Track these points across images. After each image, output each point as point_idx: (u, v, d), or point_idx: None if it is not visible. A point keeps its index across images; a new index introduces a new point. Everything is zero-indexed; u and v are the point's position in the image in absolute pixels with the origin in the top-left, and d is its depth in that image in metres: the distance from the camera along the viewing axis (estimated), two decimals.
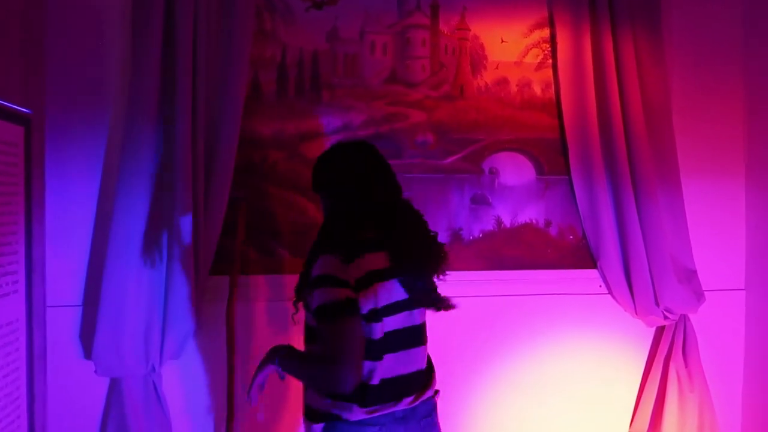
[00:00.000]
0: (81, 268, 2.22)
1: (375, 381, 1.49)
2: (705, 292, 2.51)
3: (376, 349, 1.50)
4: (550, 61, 2.54)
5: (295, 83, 2.38)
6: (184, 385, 2.28)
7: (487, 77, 2.50)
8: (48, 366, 2.07)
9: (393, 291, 1.55)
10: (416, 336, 1.64)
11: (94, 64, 2.21)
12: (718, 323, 2.65)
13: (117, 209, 2.08)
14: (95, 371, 2.10)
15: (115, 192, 2.09)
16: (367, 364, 1.48)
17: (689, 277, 2.48)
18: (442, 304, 1.65)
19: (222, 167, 2.21)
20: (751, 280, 2.68)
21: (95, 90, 2.21)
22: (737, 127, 2.67)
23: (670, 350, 2.49)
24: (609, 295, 2.55)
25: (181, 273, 2.12)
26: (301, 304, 1.62)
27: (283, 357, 1.56)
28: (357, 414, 1.48)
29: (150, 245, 2.11)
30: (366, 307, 1.49)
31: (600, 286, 2.56)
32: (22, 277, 1.76)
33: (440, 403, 1.76)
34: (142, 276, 2.10)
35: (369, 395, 1.49)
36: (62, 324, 2.19)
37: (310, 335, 1.60)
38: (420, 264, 1.59)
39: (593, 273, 2.55)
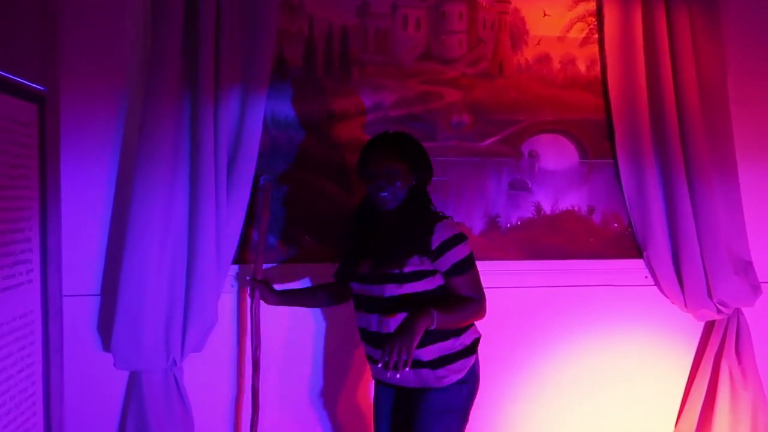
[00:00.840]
0: (99, 256, 2.10)
1: None
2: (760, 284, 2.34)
3: None
4: (596, 36, 2.36)
5: (323, 59, 2.23)
6: (207, 378, 2.17)
7: (528, 53, 2.33)
8: (65, 358, 1.96)
9: None
10: None
11: (112, 40, 2.07)
12: None
13: (135, 195, 1.95)
14: (114, 364, 1.99)
15: (134, 177, 1.96)
16: None
17: (745, 268, 2.32)
18: None
19: (246, 150, 2.07)
20: None
21: (113, 68, 2.07)
22: None
23: (721, 346, 2.34)
24: (655, 287, 2.40)
25: (203, 262, 1.99)
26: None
27: (440, 313, 1.64)
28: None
29: (170, 233, 1.99)
30: None
31: (646, 277, 2.40)
32: (36, 266, 1.65)
33: (479, 398, 1.84)
34: (162, 265, 1.98)
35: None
36: (79, 314, 2.07)
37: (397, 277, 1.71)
38: None
39: (639, 263, 2.40)
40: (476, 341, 1.83)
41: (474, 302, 1.74)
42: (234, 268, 2.15)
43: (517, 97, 2.33)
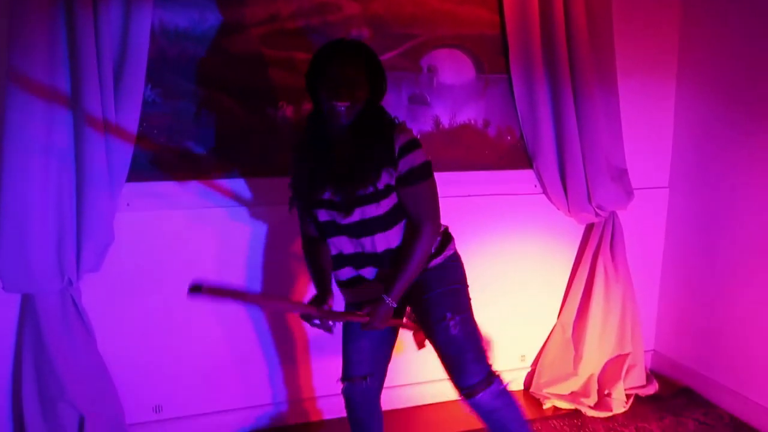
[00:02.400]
0: None
1: None
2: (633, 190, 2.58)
3: None
4: None
5: None
6: (107, 298, 2.14)
7: None
8: None
9: None
10: None
11: None
12: (643, 219, 2.77)
13: (9, 113, 1.81)
14: (2, 287, 1.92)
15: (5, 95, 1.81)
16: None
17: (621, 175, 2.53)
18: None
19: (133, 63, 1.97)
20: (675, 179, 2.79)
21: None
22: (673, 32, 2.66)
23: (598, 245, 2.58)
24: (543, 195, 2.58)
25: (93, 181, 1.93)
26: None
27: (390, 292, 1.64)
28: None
29: (54, 152, 1.88)
30: None
31: (535, 186, 2.58)
32: None
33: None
34: (47, 186, 1.89)
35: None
36: None
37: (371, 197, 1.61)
38: None
39: (530, 173, 2.56)
40: (448, 236, 1.82)
41: (418, 240, 1.62)
42: (129, 186, 2.08)
43: (414, 12, 2.33)
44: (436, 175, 1.69)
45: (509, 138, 2.54)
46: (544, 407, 2.61)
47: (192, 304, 2.20)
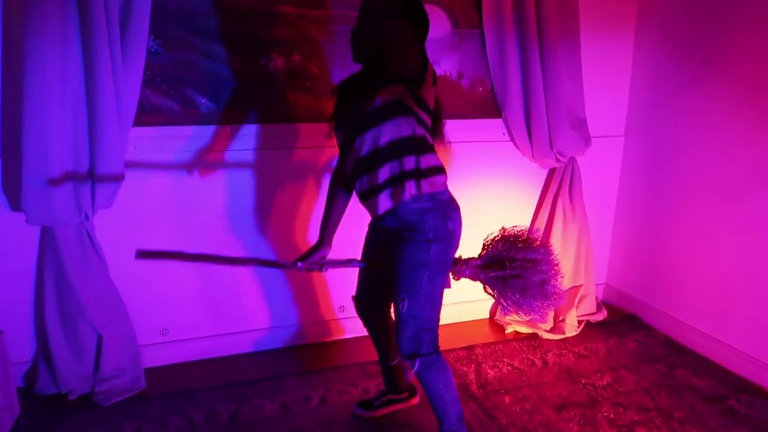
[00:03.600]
0: None
1: None
2: (591, 138, 2.86)
3: None
4: None
5: None
6: (118, 232, 2.37)
7: None
8: None
9: None
10: None
11: None
12: (600, 165, 3.07)
13: (28, 62, 1.97)
14: (26, 221, 2.13)
15: (24, 44, 1.97)
16: None
17: (580, 124, 2.80)
18: None
19: (138, 14, 2.12)
20: (630, 128, 3.07)
21: None
22: None
23: (558, 188, 2.88)
24: (511, 142, 2.84)
25: (104, 124, 2.11)
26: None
27: None
28: None
29: (68, 96, 2.06)
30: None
31: (503, 134, 2.83)
32: None
33: None
34: (63, 127, 2.07)
35: None
36: None
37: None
38: None
39: (499, 122, 2.82)
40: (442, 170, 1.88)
41: None
42: (135, 131, 2.28)
43: None
44: None
45: (481, 89, 2.78)
46: (506, 332, 2.95)
47: (194, 240, 2.45)
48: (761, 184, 2.38)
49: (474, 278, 1.93)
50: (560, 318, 2.94)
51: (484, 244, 2.02)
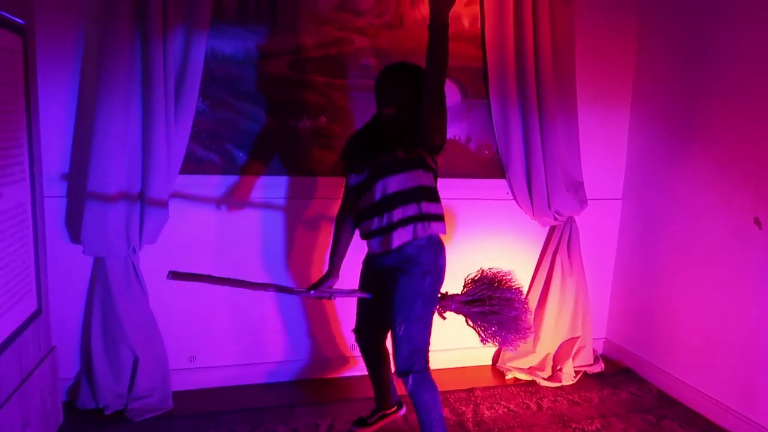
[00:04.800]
0: (64, 165, 2.52)
1: None
2: (589, 200, 3.12)
3: None
4: None
5: (254, 6, 2.66)
6: (159, 266, 2.68)
7: (424, 10, 2.86)
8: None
9: None
10: None
11: None
12: (600, 225, 3.31)
13: (98, 114, 2.36)
14: (83, 252, 2.47)
15: (96, 99, 2.36)
16: None
17: (576, 187, 3.07)
18: None
19: (190, 80, 2.51)
20: (627, 191, 3.32)
21: (76, 4, 2.42)
22: (629, 65, 3.21)
23: (557, 245, 3.12)
24: (514, 201, 3.12)
25: (155, 171, 2.47)
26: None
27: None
28: None
29: (127, 145, 2.43)
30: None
31: (507, 193, 3.11)
32: (26, 168, 2.08)
33: None
34: (121, 172, 2.43)
35: None
36: (51, 212, 2.51)
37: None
38: None
39: (503, 182, 3.10)
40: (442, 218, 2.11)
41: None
42: (181, 178, 2.64)
43: (412, 46, 2.88)
44: None
45: (487, 152, 3.09)
46: (507, 378, 3.13)
47: (224, 275, 2.75)
48: (741, 245, 2.59)
49: (458, 312, 2.19)
50: (558, 367, 3.12)
51: (465, 282, 2.28)
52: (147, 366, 2.61)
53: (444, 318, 2.17)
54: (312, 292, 2.16)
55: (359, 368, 3.07)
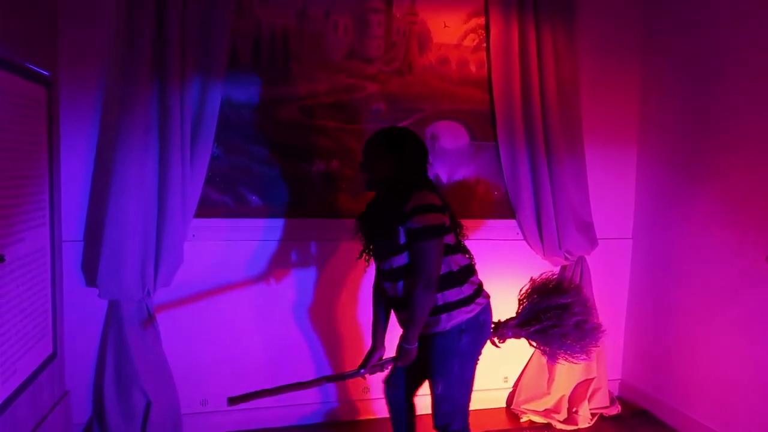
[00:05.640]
0: (83, 210, 2.58)
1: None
2: (600, 240, 3.13)
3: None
4: (485, 44, 3.02)
5: (268, 54, 2.76)
6: (173, 308, 2.71)
7: (432, 56, 2.96)
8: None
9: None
10: None
11: (97, 35, 2.51)
12: (611, 263, 3.31)
13: (116, 161, 2.43)
14: (98, 295, 2.50)
15: (114, 146, 2.43)
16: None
17: (586, 227, 3.09)
18: None
19: (206, 126, 2.59)
20: (637, 231, 3.33)
21: (97, 58, 2.53)
22: (633, 108, 3.27)
23: None
24: (524, 241, 3.13)
25: (171, 215, 2.51)
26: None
27: (406, 339, 1.93)
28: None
29: (144, 191, 2.49)
30: (448, 240, 2.00)
31: (517, 233, 3.13)
32: (47, 213, 2.13)
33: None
34: (137, 217, 2.48)
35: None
36: (69, 256, 2.56)
37: (395, 249, 1.94)
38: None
39: (512, 223, 3.12)
40: (476, 291, 2.05)
41: (412, 295, 1.86)
42: (195, 221, 2.68)
43: (422, 91, 2.96)
44: None
45: (496, 193, 3.12)
46: (522, 420, 3.09)
47: (236, 317, 2.77)
48: (755, 283, 2.58)
49: (517, 337, 2.12)
50: (573, 409, 3.07)
51: (519, 300, 2.22)
52: (159, 410, 2.60)
53: (498, 347, 2.10)
54: (362, 370, 2.10)
55: (377, 411, 3.03)
